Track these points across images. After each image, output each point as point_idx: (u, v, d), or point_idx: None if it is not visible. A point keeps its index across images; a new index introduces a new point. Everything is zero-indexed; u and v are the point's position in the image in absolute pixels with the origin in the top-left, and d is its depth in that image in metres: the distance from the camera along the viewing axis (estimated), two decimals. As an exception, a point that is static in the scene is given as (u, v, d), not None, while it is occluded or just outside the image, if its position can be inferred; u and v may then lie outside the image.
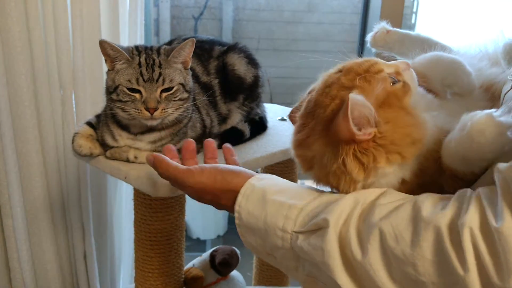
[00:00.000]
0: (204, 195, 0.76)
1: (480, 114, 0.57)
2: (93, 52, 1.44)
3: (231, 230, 2.93)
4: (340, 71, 0.68)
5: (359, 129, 0.59)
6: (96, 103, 1.44)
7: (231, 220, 2.90)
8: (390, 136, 0.60)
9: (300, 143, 0.69)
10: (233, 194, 0.72)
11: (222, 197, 0.74)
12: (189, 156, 0.85)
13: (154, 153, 0.82)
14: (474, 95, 0.74)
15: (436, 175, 0.64)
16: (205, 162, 0.86)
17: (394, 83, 0.64)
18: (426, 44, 0.85)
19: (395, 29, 0.97)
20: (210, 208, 0.81)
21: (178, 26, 2.62)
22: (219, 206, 0.77)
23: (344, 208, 0.61)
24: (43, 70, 1.40)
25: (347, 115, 0.57)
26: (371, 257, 0.56)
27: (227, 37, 2.64)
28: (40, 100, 1.43)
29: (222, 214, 2.83)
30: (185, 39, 1.05)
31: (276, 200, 0.67)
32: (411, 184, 0.65)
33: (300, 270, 0.66)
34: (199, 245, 2.86)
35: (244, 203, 0.70)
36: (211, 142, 0.90)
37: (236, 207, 0.71)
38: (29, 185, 1.49)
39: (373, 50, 0.99)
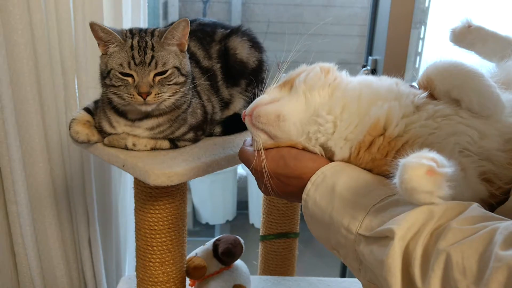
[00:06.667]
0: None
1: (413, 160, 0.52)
2: (95, 36, 1.40)
3: (240, 215, 2.91)
4: None
5: None
6: (98, 88, 1.41)
7: (239, 206, 2.88)
8: None
9: None
10: (300, 181, 0.69)
11: (288, 183, 0.72)
12: None
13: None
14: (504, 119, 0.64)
15: None
16: None
17: None
18: None
19: (479, 25, 0.87)
20: (219, 193, 0.79)
21: (186, 9, 2.56)
22: (286, 194, 0.75)
23: (416, 220, 0.54)
24: (45, 54, 1.37)
25: None
26: (431, 286, 0.50)
27: (235, 21, 2.59)
28: (42, 85, 1.40)
29: (231, 199, 2.80)
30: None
31: (345, 195, 0.63)
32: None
33: (362, 273, 0.62)
34: (207, 230, 2.85)
35: (312, 192, 0.67)
36: None
37: (304, 195, 0.68)
38: (32, 171, 1.47)
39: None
